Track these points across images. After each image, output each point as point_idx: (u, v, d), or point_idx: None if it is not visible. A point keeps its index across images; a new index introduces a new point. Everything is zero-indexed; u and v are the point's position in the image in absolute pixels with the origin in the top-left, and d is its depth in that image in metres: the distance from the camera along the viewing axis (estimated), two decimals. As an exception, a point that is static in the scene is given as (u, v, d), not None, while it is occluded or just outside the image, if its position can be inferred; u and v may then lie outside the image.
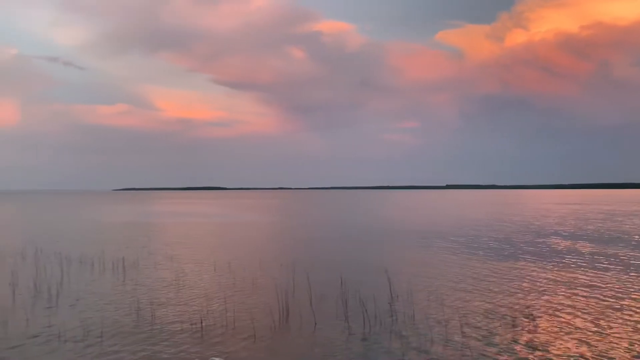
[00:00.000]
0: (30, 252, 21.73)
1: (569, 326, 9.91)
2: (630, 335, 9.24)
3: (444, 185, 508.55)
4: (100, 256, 19.99)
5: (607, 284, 14.30)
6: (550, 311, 11.13)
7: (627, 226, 34.90)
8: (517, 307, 11.55)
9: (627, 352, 8.35)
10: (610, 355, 8.17)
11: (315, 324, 10.26)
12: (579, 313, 10.94)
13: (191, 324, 10.20)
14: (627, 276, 15.47)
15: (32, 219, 49.87)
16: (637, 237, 27.61)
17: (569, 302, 11.96)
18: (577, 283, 14.42)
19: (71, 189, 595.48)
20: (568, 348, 8.59)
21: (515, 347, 8.65)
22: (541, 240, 26.26)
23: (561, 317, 10.64)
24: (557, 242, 25.08)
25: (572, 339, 9.10)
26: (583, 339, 9.04)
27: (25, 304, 12.20)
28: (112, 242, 26.21)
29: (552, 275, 15.70)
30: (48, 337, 9.46)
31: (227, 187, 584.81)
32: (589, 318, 10.50)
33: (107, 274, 16.27)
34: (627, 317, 10.56)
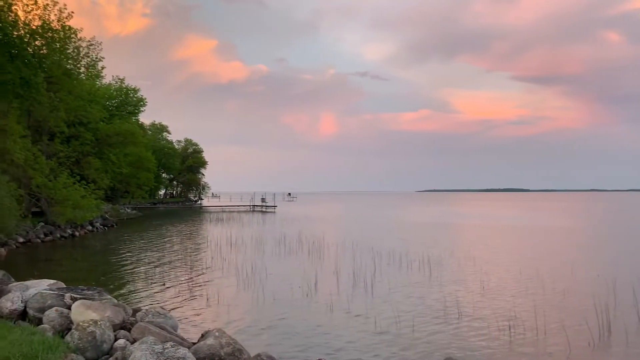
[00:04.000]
0: (348, 244, 24.61)
1: None
2: None
3: None
4: (406, 253, 21.26)
5: None
6: None
7: None
8: None
9: None
10: None
11: (647, 348, 8.78)
12: None
13: (498, 329, 9.94)
14: None
15: (350, 216, 56.66)
16: None
17: None
18: None
19: (379, 191, 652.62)
20: None
21: None
22: None
23: None
24: None
25: None
26: None
27: (347, 290, 13.86)
28: (416, 240, 27.65)
29: None
30: (366, 322, 10.54)
31: (530, 189, 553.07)
32: None
33: (413, 270, 17.22)
34: None
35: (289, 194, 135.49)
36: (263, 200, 77.92)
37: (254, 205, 73.06)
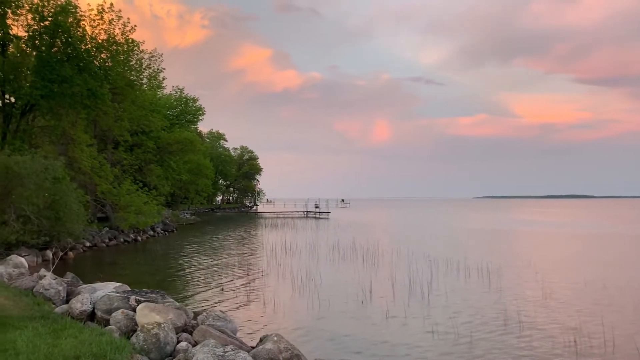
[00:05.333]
0: (403, 251, 24.31)
1: None
2: None
3: None
4: (464, 261, 20.76)
5: None
6: None
7: None
8: None
9: None
10: None
11: None
12: None
13: (563, 342, 9.53)
14: None
15: (405, 223, 56.02)
16: None
17: None
18: None
19: (435, 197, 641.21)
20: None
21: None
22: None
23: None
24: None
25: None
26: None
27: (403, 297, 13.68)
28: (474, 247, 26.97)
29: None
30: (423, 330, 10.37)
31: (595, 195, 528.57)
32: None
33: (472, 279, 16.80)
34: None
35: (342, 200, 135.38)
36: (316, 206, 78.27)
37: (308, 211, 73.54)
